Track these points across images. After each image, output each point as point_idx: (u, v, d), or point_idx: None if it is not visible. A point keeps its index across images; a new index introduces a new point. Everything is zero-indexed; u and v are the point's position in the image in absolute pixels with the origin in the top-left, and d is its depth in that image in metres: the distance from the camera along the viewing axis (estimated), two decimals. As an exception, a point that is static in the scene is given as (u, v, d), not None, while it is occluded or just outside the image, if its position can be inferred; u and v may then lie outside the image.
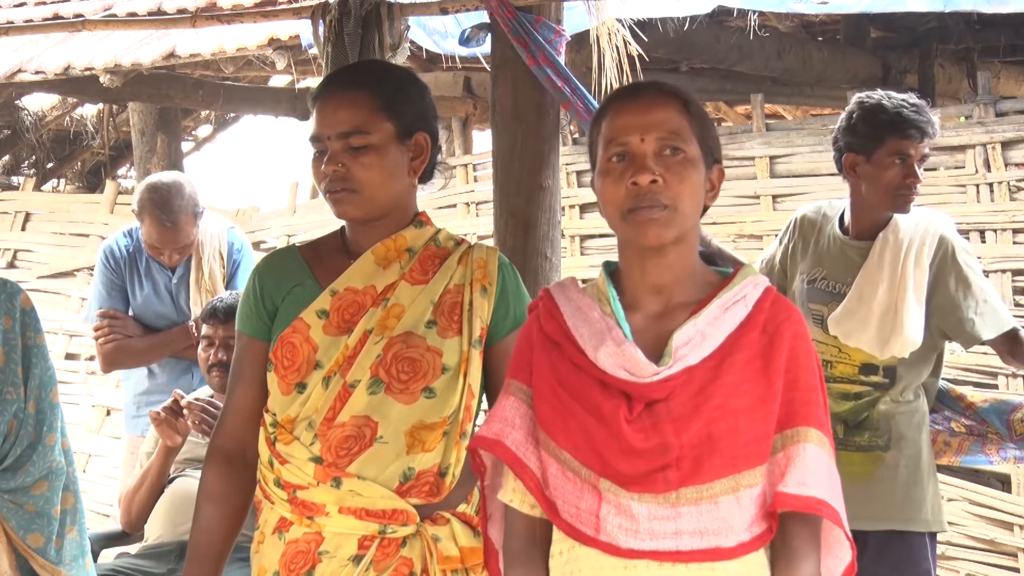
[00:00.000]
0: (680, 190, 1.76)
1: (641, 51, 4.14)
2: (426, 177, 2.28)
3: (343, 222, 2.26)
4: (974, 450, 3.11)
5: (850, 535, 1.78)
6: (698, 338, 1.76)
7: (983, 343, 3.03)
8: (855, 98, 3.06)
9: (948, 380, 3.31)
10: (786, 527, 1.74)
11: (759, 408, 1.74)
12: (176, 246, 3.85)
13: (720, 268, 1.91)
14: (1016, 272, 5.18)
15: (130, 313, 4.02)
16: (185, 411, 3.31)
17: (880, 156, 2.95)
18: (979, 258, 5.18)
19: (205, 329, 3.53)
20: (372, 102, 2.15)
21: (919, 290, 2.96)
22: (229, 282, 4.00)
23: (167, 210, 3.78)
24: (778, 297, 1.84)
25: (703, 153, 1.81)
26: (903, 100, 2.96)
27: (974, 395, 3.22)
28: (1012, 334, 3.01)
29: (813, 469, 1.73)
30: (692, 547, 1.70)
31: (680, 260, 1.82)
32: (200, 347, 3.55)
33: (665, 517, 1.70)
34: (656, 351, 1.77)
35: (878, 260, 3.00)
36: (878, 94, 3.02)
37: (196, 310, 3.91)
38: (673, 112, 1.80)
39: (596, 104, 3.45)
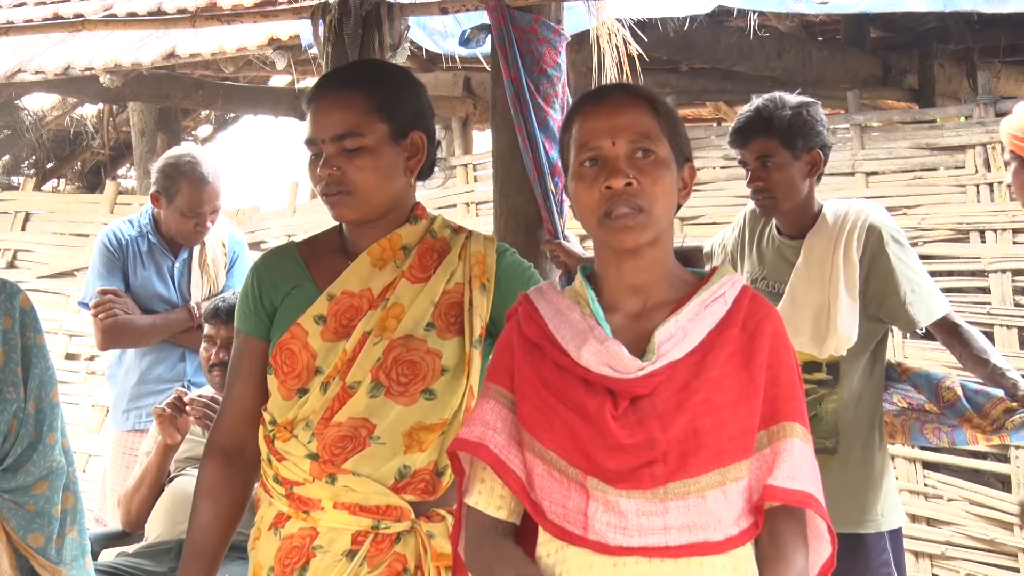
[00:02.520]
0: (653, 192, 1.78)
1: (641, 51, 4.14)
2: (425, 174, 2.27)
3: (343, 222, 2.26)
4: (914, 429, 3.10)
5: (833, 530, 1.80)
6: (680, 334, 1.78)
7: (921, 328, 3.01)
8: None
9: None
10: (774, 522, 1.75)
11: (742, 402, 1.75)
12: (213, 205, 3.88)
13: (695, 268, 1.93)
14: (1016, 272, 5.16)
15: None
16: (188, 407, 3.33)
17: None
18: (978, 258, 5.23)
19: (207, 328, 3.54)
20: (366, 103, 2.14)
21: (851, 286, 2.96)
22: (228, 271, 4.02)
23: (203, 168, 3.85)
24: (755, 295, 1.85)
25: (674, 153, 1.83)
26: (746, 108, 3.06)
27: (910, 364, 3.22)
28: (949, 324, 3.01)
29: (800, 463, 1.75)
30: (680, 542, 1.70)
31: (656, 261, 1.83)
32: (202, 346, 3.56)
33: (653, 513, 1.71)
34: (638, 349, 1.78)
35: (807, 260, 3.01)
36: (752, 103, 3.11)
37: (197, 293, 3.92)
38: (642, 114, 1.82)
39: (542, 143, 3.45)
